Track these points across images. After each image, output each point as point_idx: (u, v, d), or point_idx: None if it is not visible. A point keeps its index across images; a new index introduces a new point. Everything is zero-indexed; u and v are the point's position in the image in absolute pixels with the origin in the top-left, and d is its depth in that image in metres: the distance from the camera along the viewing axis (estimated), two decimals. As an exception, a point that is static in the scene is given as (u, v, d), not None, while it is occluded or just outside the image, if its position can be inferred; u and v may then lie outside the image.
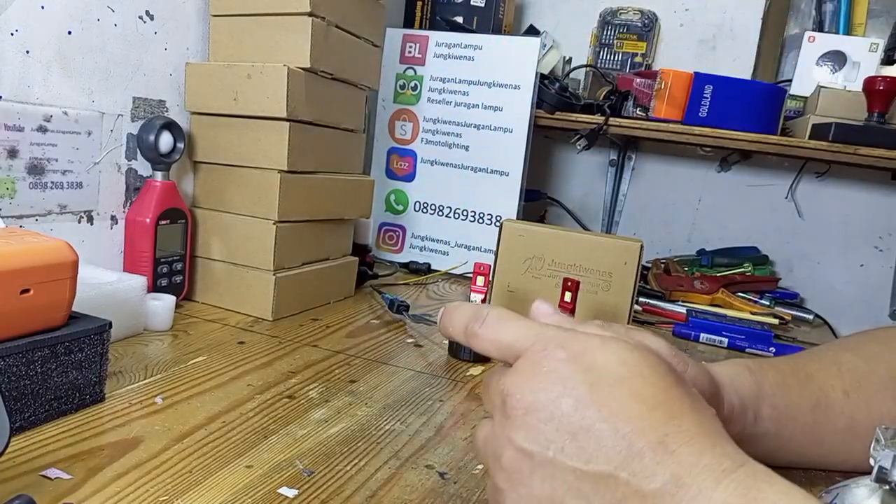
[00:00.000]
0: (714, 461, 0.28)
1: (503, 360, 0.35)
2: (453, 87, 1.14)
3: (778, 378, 0.46)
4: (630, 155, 1.46)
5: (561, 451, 0.29)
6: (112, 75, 0.70)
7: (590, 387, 0.30)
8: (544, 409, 0.30)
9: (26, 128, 0.62)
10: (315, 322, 0.77)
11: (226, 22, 0.77)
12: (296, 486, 0.41)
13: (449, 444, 0.50)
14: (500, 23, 1.29)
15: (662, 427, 0.29)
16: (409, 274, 1.12)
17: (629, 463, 0.28)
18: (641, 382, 0.30)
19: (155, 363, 0.58)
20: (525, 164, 1.11)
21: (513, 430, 0.31)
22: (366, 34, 0.84)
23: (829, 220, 1.35)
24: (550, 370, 0.31)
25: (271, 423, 0.49)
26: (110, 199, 0.73)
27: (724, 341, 0.89)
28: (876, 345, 0.49)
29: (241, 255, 0.76)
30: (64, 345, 0.45)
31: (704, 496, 0.27)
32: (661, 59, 1.41)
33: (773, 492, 0.26)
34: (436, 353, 0.71)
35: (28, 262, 0.42)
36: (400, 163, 1.20)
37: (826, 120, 1.06)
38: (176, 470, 0.41)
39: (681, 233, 1.45)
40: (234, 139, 0.76)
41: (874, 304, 1.34)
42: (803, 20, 1.35)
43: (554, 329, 0.33)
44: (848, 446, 0.47)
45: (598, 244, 0.81)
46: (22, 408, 0.43)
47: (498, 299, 0.85)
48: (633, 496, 0.28)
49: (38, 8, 0.62)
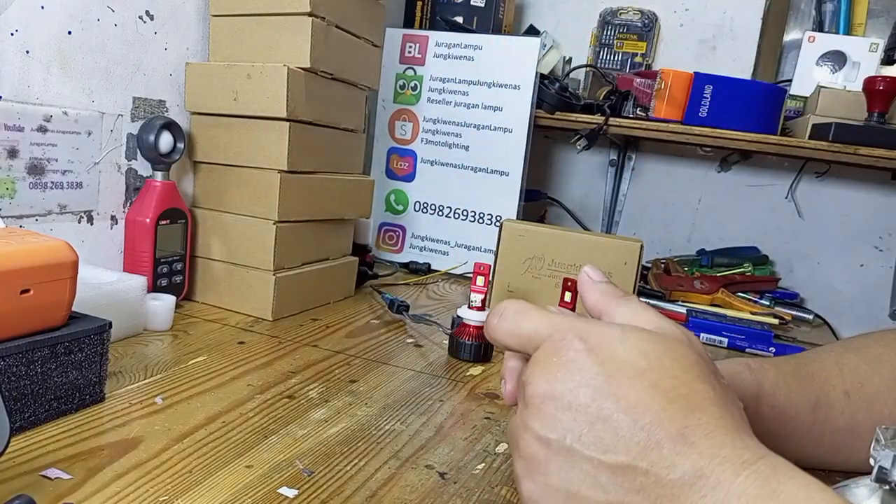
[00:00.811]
0: (734, 453, 0.28)
1: (524, 351, 0.35)
2: (453, 87, 1.14)
3: (779, 377, 0.46)
4: (630, 155, 1.46)
5: (578, 440, 0.29)
6: (112, 75, 0.70)
7: (608, 377, 0.30)
8: (562, 398, 0.30)
9: (26, 128, 0.62)
10: (315, 322, 0.77)
11: (226, 22, 0.77)
12: (296, 486, 0.41)
13: (449, 444, 0.50)
14: (500, 23, 1.29)
15: (683, 419, 0.29)
16: (409, 274, 1.12)
17: (648, 453, 0.28)
18: (661, 374, 0.30)
19: (155, 363, 0.58)
20: (525, 164, 1.11)
21: (530, 419, 0.31)
22: (366, 34, 0.84)
23: (829, 220, 1.35)
24: (569, 360, 0.31)
25: (271, 423, 0.49)
26: (110, 199, 0.73)
27: (724, 341, 0.89)
28: (880, 346, 0.49)
29: (241, 255, 0.76)
30: (64, 345, 0.45)
31: (724, 487, 0.27)
32: (661, 59, 1.41)
33: (793, 484, 0.26)
34: (436, 353, 0.71)
35: (28, 262, 0.42)
36: (400, 163, 1.20)
37: (826, 120, 1.06)
38: (176, 470, 0.41)
39: (681, 233, 1.45)
40: (234, 139, 0.76)
41: (874, 304, 1.34)
42: (803, 20, 1.35)
43: (573, 319, 0.33)
44: (848, 446, 0.47)
45: (598, 244, 0.81)
46: (22, 408, 0.43)
47: (498, 299, 0.85)
48: (651, 486, 0.28)
49: (38, 8, 0.62)
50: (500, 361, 0.71)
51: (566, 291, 0.55)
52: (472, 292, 0.69)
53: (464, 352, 0.70)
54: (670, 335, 0.33)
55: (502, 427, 0.54)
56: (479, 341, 0.69)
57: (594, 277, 0.38)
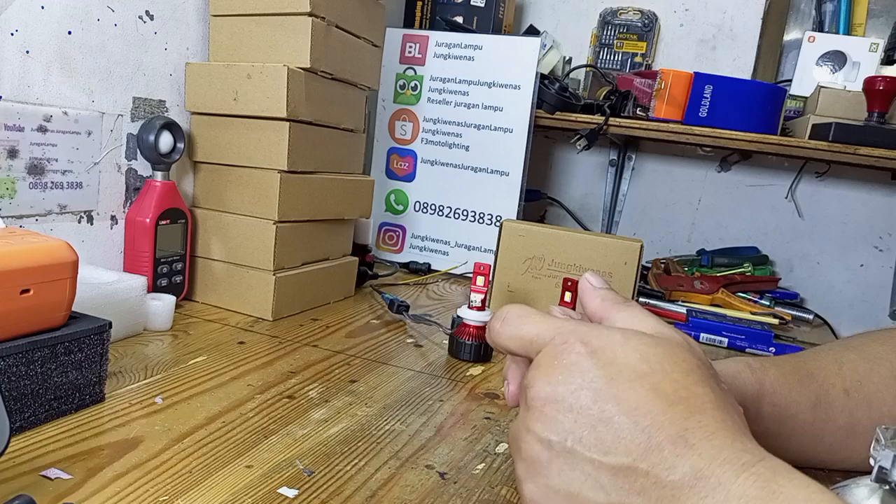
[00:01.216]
0: (734, 455, 0.28)
1: (526, 355, 0.35)
2: (453, 87, 1.14)
3: (779, 376, 0.46)
4: (630, 155, 1.46)
5: (579, 442, 0.30)
6: (112, 75, 0.70)
7: (609, 381, 0.30)
8: (563, 401, 0.30)
9: (26, 128, 0.62)
10: (315, 322, 0.77)
11: (226, 22, 0.77)
12: (296, 486, 0.41)
13: (449, 444, 0.50)
14: (500, 23, 1.29)
15: (683, 422, 0.29)
16: (409, 274, 1.12)
17: (648, 455, 0.28)
18: (662, 378, 0.30)
19: (155, 363, 0.58)
20: (525, 165, 1.11)
21: (532, 421, 0.31)
22: (366, 34, 0.84)
23: (829, 220, 1.35)
24: (570, 363, 0.31)
25: (271, 423, 0.49)
26: (110, 199, 0.73)
27: (724, 341, 0.89)
28: (878, 345, 0.49)
29: (241, 255, 0.76)
30: (64, 345, 0.45)
31: (724, 488, 0.27)
32: (661, 59, 1.41)
33: (793, 486, 0.27)
34: (436, 353, 0.71)
35: (28, 262, 0.42)
36: (400, 163, 1.20)
37: (826, 120, 1.06)
38: (176, 470, 0.41)
39: (681, 233, 1.45)
40: (234, 139, 0.76)
41: (874, 304, 1.34)
42: (803, 20, 1.35)
43: (575, 323, 0.33)
44: (848, 444, 0.47)
45: (598, 244, 0.81)
46: (22, 408, 0.43)
47: (498, 299, 0.86)
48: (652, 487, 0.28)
49: (38, 8, 0.62)
50: (500, 361, 0.71)
51: (566, 291, 0.55)
52: (472, 292, 0.69)
53: (464, 352, 0.70)
54: (671, 340, 0.33)
55: (502, 427, 0.54)
56: (480, 341, 0.69)
57: (595, 284, 0.38)
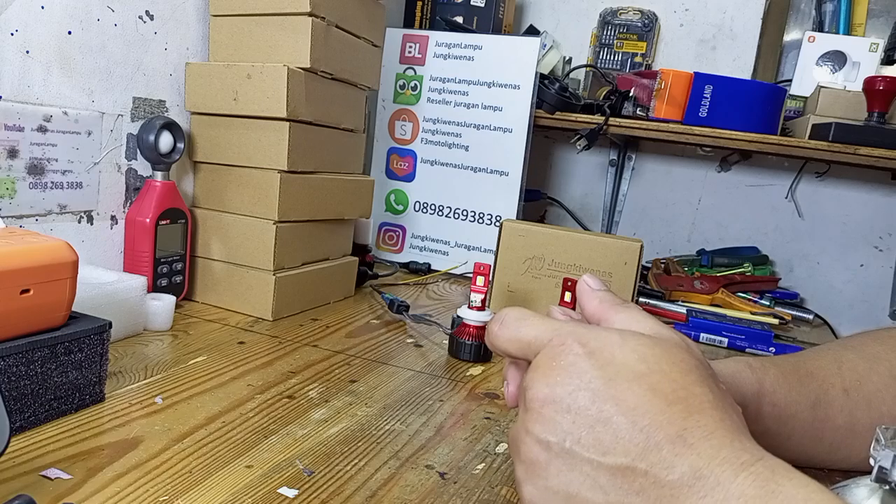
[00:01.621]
0: (733, 454, 0.28)
1: (525, 357, 0.35)
2: (453, 87, 1.14)
3: (779, 375, 0.46)
4: (630, 155, 1.46)
5: (577, 443, 0.30)
6: (112, 75, 0.70)
7: (607, 381, 0.30)
8: (561, 402, 0.30)
9: (26, 128, 0.62)
10: (315, 322, 0.77)
11: (226, 22, 0.77)
12: (296, 486, 0.41)
13: (449, 444, 0.50)
14: (500, 23, 1.29)
15: (681, 422, 0.29)
16: (409, 274, 1.12)
17: (647, 455, 0.28)
18: (660, 378, 0.30)
19: (155, 363, 0.58)
20: (525, 164, 1.11)
21: (531, 422, 0.31)
22: (366, 34, 0.84)
23: (829, 220, 1.35)
24: (568, 364, 0.31)
25: (271, 423, 0.49)
26: (110, 199, 0.73)
27: (724, 341, 0.89)
28: (878, 344, 0.49)
29: (241, 255, 0.76)
30: (64, 345, 0.45)
31: (723, 487, 0.27)
32: (661, 59, 1.41)
33: (791, 485, 0.27)
34: (436, 353, 0.71)
35: (28, 262, 0.42)
36: (400, 163, 1.20)
37: (826, 120, 1.06)
38: (176, 470, 0.41)
39: (681, 233, 1.45)
40: (234, 139, 0.76)
41: (874, 304, 1.34)
42: (803, 20, 1.35)
43: (573, 325, 0.33)
44: (848, 444, 0.47)
45: (598, 244, 0.81)
46: (22, 408, 0.43)
47: (498, 299, 0.86)
48: (651, 487, 0.28)
49: (38, 8, 0.62)
50: (500, 361, 0.71)
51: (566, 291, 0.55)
52: (472, 292, 0.69)
53: (464, 352, 0.70)
54: (669, 340, 0.33)
55: (502, 427, 0.54)
56: (479, 341, 0.69)
57: (593, 285, 0.38)
